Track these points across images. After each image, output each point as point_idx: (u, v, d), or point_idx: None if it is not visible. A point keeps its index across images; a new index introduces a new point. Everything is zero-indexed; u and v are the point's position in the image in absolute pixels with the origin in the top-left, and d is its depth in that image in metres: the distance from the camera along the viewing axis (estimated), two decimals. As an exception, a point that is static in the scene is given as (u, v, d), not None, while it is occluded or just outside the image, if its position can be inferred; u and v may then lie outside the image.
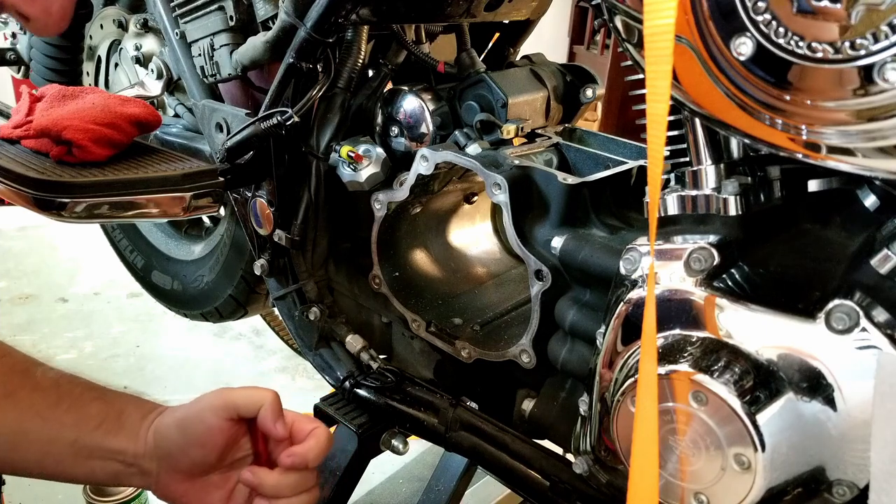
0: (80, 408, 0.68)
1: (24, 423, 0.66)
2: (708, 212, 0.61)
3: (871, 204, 0.57)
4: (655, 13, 0.47)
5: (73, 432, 0.67)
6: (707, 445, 0.55)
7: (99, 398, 0.70)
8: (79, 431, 0.67)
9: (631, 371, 0.62)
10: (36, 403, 0.67)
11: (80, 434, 0.67)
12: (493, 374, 0.92)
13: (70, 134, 0.95)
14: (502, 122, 0.90)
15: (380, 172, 0.93)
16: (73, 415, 0.67)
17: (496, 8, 0.98)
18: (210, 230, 1.46)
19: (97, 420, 0.68)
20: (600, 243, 0.74)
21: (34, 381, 0.68)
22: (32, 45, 1.47)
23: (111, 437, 0.68)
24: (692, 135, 0.61)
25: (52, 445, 0.67)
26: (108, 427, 0.68)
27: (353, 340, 1.04)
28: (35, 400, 0.67)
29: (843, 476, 0.53)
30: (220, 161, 1.02)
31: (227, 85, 1.10)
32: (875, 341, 0.49)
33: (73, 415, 0.67)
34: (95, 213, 0.93)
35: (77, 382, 0.70)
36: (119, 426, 0.69)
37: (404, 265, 1.00)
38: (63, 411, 0.67)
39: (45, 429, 0.66)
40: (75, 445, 0.67)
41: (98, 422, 0.68)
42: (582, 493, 0.79)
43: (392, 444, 1.00)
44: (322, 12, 0.85)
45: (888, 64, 0.42)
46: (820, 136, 0.48)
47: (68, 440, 0.67)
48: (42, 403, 0.67)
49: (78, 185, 0.91)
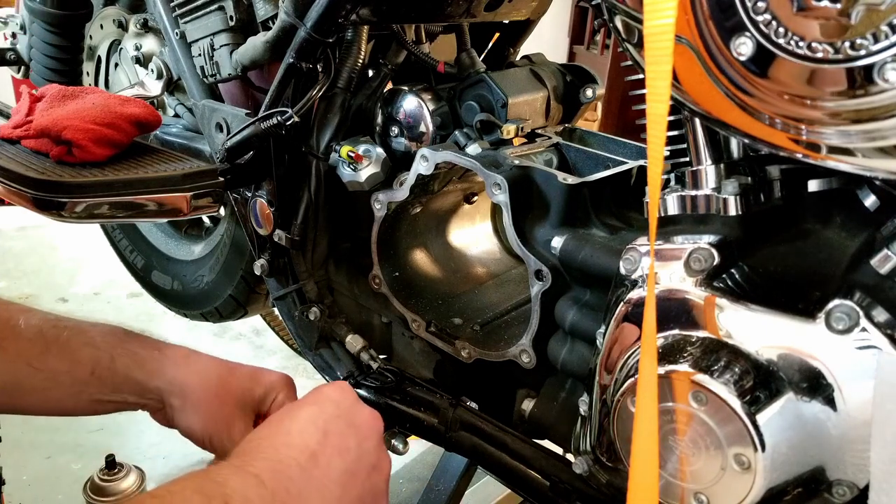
0: (69, 354, 0.67)
1: (17, 373, 0.65)
2: (708, 212, 0.61)
3: (871, 204, 0.57)
4: (655, 13, 0.47)
5: (67, 378, 0.67)
6: (707, 445, 0.55)
7: (88, 343, 0.68)
8: (73, 377, 0.67)
9: (631, 371, 0.62)
10: (23, 352, 0.66)
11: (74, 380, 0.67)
12: (493, 374, 0.92)
13: (70, 134, 0.95)
14: (502, 122, 0.90)
15: (380, 172, 0.93)
16: (64, 362, 0.67)
17: (496, 8, 0.98)
18: (210, 230, 1.46)
19: (89, 366, 0.67)
20: (600, 243, 0.74)
21: (17, 330, 0.67)
22: (32, 45, 1.47)
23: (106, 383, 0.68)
24: (692, 135, 0.61)
25: (49, 392, 0.67)
26: (102, 373, 0.68)
27: (353, 340, 1.04)
28: (21, 349, 0.66)
29: (843, 476, 0.53)
30: (220, 161, 1.02)
31: (227, 85, 1.10)
32: (875, 341, 0.49)
33: (65, 362, 0.67)
34: (95, 213, 0.93)
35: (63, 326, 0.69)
36: (113, 372, 0.68)
37: (404, 265, 1.00)
38: (53, 358, 0.66)
39: (39, 377, 0.66)
40: (73, 389, 0.67)
41: (91, 368, 0.67)
42: (582, 493, 0.79)
43: (392, 444, 1.00)
44: (322, 12, 0.85)
45: (888, 64, 0.42)
46: (820, 136, 0.48)
47: (65, 385, 0.67)
48: (30, 352, 0.66)
49: (78, 185, 0.91)
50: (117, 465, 1.41)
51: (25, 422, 1.87)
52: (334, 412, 0.59)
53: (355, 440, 0.58)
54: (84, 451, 1.79)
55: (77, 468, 1.72)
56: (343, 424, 0.58)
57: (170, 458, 1.80)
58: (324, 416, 0.58)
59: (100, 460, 1.41)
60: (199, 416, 0.69)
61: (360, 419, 0.60)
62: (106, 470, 1.40)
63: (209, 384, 0.70)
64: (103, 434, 1.86)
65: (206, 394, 0.69)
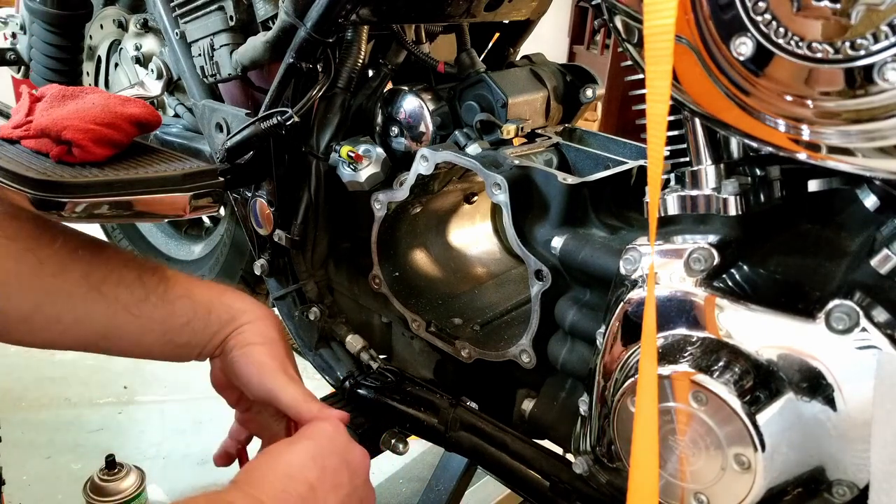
0: (166, 304, 0.70)
1: (116, 317, 0.68)
2: (708, 212, 0.61)
3: (871, 204, 0.57)
4: (655, 13, 0.47)
5: (161, 326, 0.69)
6: (707, 445, 0.55)
7: (184, 296, 0.71)
8: (167, 326, 0.70)
9: (631, 371, 0.62)
10: (122, 297, 0.68)
11: (168, 328, 0.70)
12: (493, 374, 0.92)
13: (70, 134, 0.95)
14: (502, 122, 0.90)
15: (380, 172, 0.93)
16: (160, 311, 0.69)
17: (496, 8, 0.98)
18: (210, 230, 1.46)
19: (185, 318, 0.70)
20: (600, 243, 0.74)
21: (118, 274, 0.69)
22: (32, 45, 1.47)
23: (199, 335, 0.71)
24: (692, 135, 0.61)
25: (143, 337, 0.69)
26: (196, 326, 0.71)
27: (353, 340, 1.04)
28: (121, 294, 0.68)
29: (843, 476, 0.53)
30: (220, 161, 1.02)
31: (227, 85, 1.10)
32: (875, 341, 0.49)
33: (161, 311, 0.69)
34: (95, 213, 0.92)
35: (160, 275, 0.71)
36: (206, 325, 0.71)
37: (404, 265, 1.00)
38: (151, 306, 0.69)
39: (136, 323, 0.68)
40: (165, 337, 0.70)
41: (186, 320, 0.70)
42: (582, 493, 0.79)
43: (392, 444, 1.00)
44: (322, 12, 0.85)
45: (888, 64, 0.42)
46: (820, 136, 0.48)
47: (157, 333, 0.69)
48: (129, 298, 0.68)
49: (78, 185, 0.91)
50: (117, 465, 1.42)
51: (25, 422, 1.87)
52: (330, 449, 0.63)
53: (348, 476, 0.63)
54: (84, 451, 1.79)
55: (77, 468, 1.72)
56: (337, 461, 0.63)
57: (170, 458, 1.80)
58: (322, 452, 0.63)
59: (100, 460, 1.41)
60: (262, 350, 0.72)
61: (352, 457, 0.65)
62: (106, 470, 1.41)
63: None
64: (103, 434, 1.86)
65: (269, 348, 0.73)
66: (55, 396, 1.98)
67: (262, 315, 0.74)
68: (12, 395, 1.96)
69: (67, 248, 0.67)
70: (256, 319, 0.73)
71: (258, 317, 0.74)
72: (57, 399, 1.97)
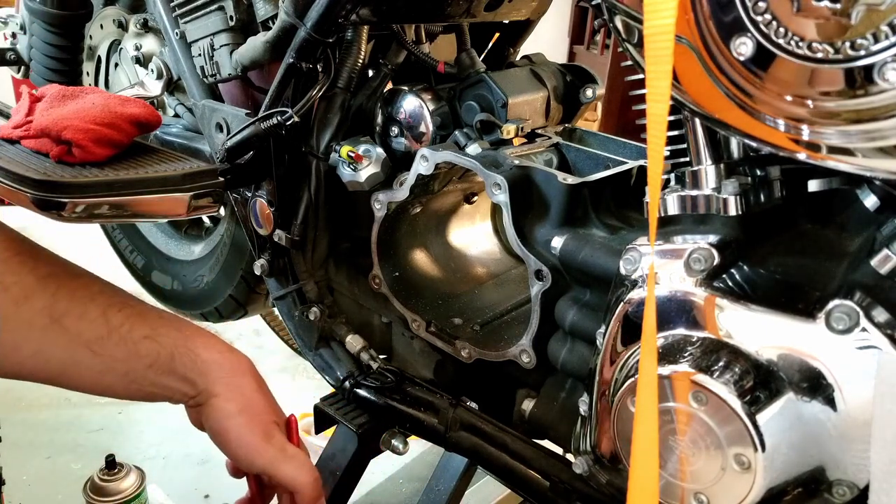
0: (129, 344, 0.67)
1: (76, 353, 0.65)
2: (708, 212, 0.61)
3: (871, 204, 0.57)
4: (655, 13, 0.47)
5: (123, 366, 0.67)
6: (707, 445, 0.55)
7: (149, 337, 0.68)
8: (129, 366, 0.67)
9: (631, 371, 0.62)
10: (84, 333, 0.65)
11: (130, 369, 0.67)
12: (493, 374, 0.92)
13: (70, 134, 0.95)
14: (502, 122, 0.90)
15: (380, 172, 0.93)
16: (122, 350, 0.67)
17: (496, 8, 0.98)
18: (210, 230, 1.46)
19: (148, 360, 0.68)
20: (600, 243, 0.74)
21: (82, 307, 0.66)
22: (32, 45, 1.47)
23: (163, 377, 0.68)
24: (692, 135, 0.61)
25: (103, 376, 0.67)
26: (160, 369, 0.68)
27: (353, 340, 1.04)
28: (83, 329, 0.66)
29: (843, 476, 0.53)
30: (220, 161, 1.02)
31: (227, 85, 1.10)
32: (875, 341, 0.49)
33: (123, 350, 0.67)
34: (95, 214, 0.93)
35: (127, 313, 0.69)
36: (170, 370, 0.69)
37: (404, 265, 1.00)
38: (113, 345, 0.66)
39: (96, 361, 0.66)
40: (126, 378, 0.67)
41: (149, 362, 0.68)
42: (582, 493, 0.79)
43: (392, 444, 1.00)
44: (322, 12, 0.85)
45: (888, 64, 0.42)
46: (820, 136, 0.48)
47: (119, 373, 0.67)
48: (90, 335, 0.66)
49: (78, 185, 0.91)
50: (117, 465, 1.42)
51: (25, 422, 1.87)
52: None
53: None
54: (84, 451, 1.79)
55: (77, 468, 1.72)
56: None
57: (170, 458, 1.80)
58: None
59: (100, 460, 1.41)
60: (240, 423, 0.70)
61: None
62: (106, 470, 1.41)
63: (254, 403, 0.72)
64: (103, 434, 1.87)
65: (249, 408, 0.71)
66: (55, 396, 1.98)
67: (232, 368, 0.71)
68: (12, 395, 1.96)
69: (35, 276, 0.65)
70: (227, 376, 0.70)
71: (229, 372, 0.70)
72: (57, 399, 1.97)
